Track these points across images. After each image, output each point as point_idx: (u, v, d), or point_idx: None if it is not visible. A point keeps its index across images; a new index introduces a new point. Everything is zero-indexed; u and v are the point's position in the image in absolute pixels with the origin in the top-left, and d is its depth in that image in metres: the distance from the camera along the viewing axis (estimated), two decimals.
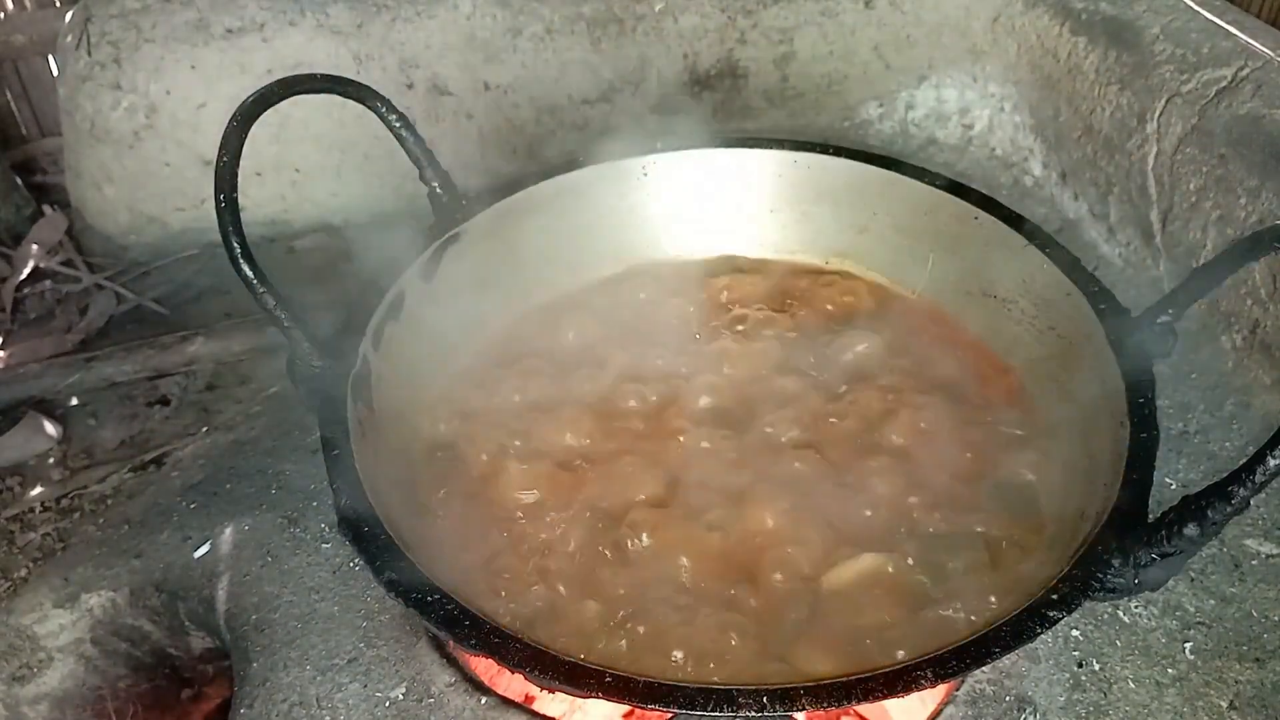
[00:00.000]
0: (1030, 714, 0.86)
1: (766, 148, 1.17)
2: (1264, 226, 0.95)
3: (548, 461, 0.93)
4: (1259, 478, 0.59)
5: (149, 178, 1.58)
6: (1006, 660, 0.89)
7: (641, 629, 0.77)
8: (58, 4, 2.05)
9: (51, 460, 1.23)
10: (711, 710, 0.61)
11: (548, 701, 0.88)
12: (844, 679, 0.63)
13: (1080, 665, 0.90)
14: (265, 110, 0.82)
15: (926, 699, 0.86)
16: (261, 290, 0.81)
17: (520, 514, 0.88)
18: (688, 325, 1.10)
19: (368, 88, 0.93)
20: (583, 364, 1.04)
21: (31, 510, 1.16)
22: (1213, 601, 0.95)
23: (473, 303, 1.07)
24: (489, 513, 0.89)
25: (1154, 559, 0.65)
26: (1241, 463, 0.60)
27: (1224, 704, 0.87)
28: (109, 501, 1.16)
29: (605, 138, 1.14)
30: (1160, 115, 1.29)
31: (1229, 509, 0.61)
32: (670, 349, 1.06)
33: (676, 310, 1.12)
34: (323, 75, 0.89)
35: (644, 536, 0.84)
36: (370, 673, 0.90)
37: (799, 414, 0.97)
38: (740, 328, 1.09)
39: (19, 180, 1.75)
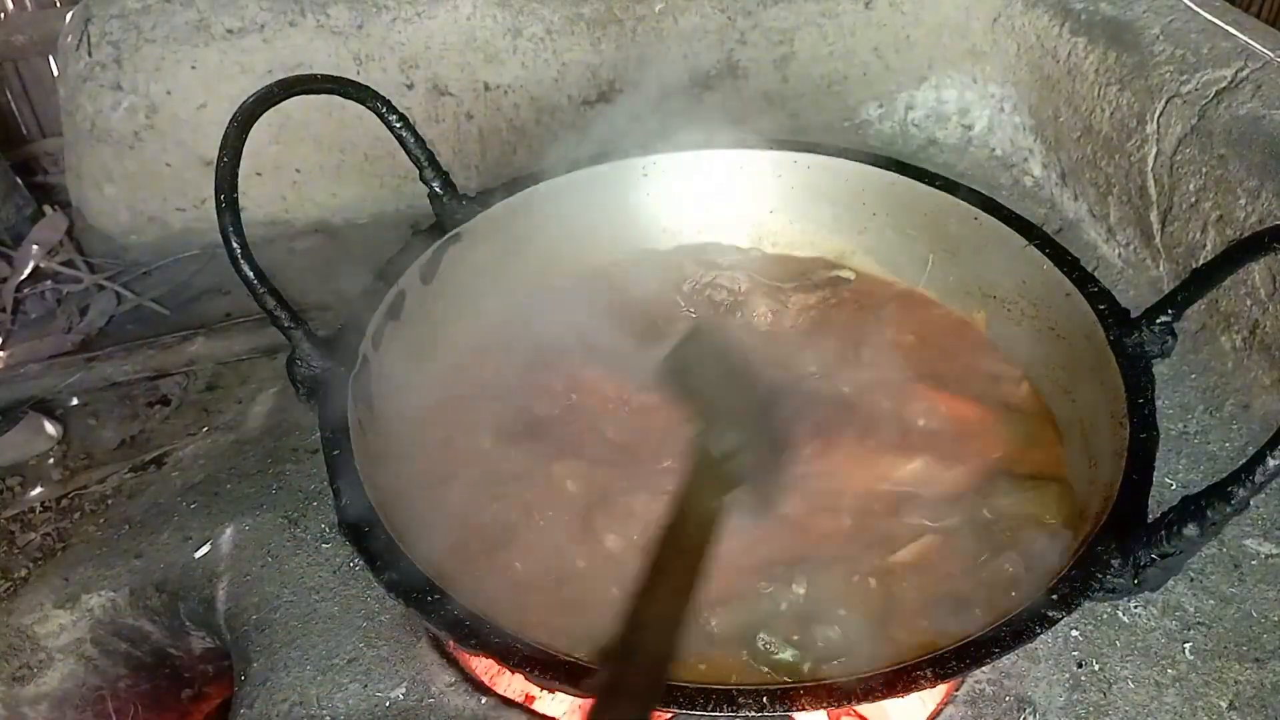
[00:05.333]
0: (1030, 714, 0.86)
1: (766, 148, 1.17)
2: (1264, 226, 0.95)
3: (548, 456, 0.93)
4: (1259, 478, 0.59)
5: (149, 178, 1.58)
6: (1006, 660, 0.89)
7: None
8: (58, 4, 2.05)
9: (51, 460, 1.23)
10: (711, 710, 0.61)
11: (548, 701, 0.88)
12: (843, 679, 0.63)
13: (1080, 665, 0.90)
14: (265, 111, 0.82)
15: (926, 699, 0.87)
16: (262, 290, 0.81)
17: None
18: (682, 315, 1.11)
19: (368, 88, 0.93)
20: (581, 360, 1.04)
21: (31, 510, 1.16)
22: (1212, 601, 0.95)
23: (472, 303, 1.07)
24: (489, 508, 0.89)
25: (1154, 559, 0.65)
26: (1241, 463, 0.60)
27: (1223, 704, 0.87)
28: (109, 501, 1.16)
29: (605, 138, 1.14)
30: (1160, 115, 1.29)
31: (1229, 509, 0.61)
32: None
33: (672, 303, 1.12)
34: (323, 75, 0.90)
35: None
36: (370, 673, 0.90)
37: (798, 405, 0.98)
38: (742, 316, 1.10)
39: (19, 180, 1.75)
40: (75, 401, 1.32)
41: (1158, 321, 0.83)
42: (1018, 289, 1.01)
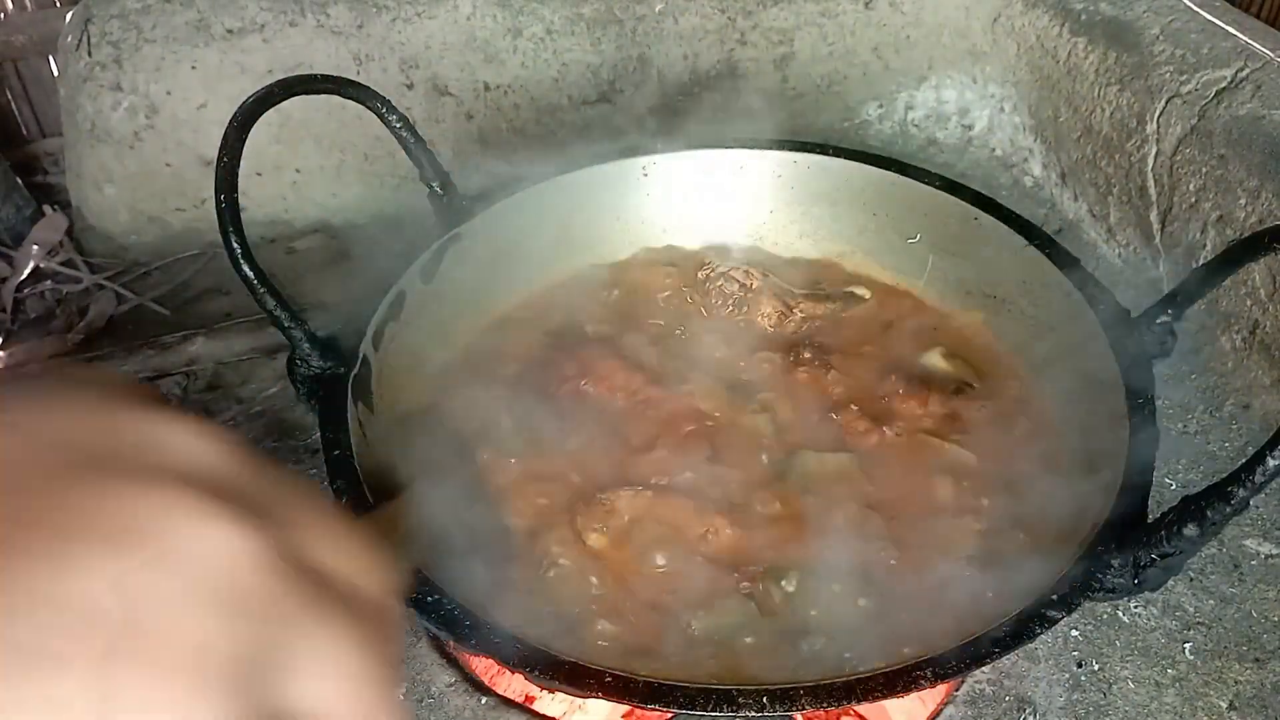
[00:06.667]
0: (1030, 714, 0.86)
1: (766, 148, 1.17)
2: (1264, 226, 0.95)
3: (548, 455, 0.93)
4: (1259, 478, 0.59)
5: (149, 178, 1.58)
6: (1006, 660, 0.89)
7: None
8: (58, 4, 2.05)
9: None
10: (711, 710, 0.61)
11: (548, 701, 0.88)
12: (844, 679, 0.63)
13: (1080, 665, 0.90)
14: (266, 111, 0.82)
15: (926, 699, 0.87)
16: (262, 291, 0.81)
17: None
18: (683, 313, 1.11)
19: (368, 88, 0.93)
20: (579, 361, 1.03)
21: None
22: (1212, 601, 0.95)
23: (473, 302, 1.07)
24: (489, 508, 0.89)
25: (1153, 559, 0.65)
26: (1241, 463, 0.60)
27: (1224, 704, 0.87)
28: None
29: (605, 138, 1.14)
30: (1160, 116, 1.29)
31: (1229, 509, 0.61)
32: (666, 339, 1.06)
33: (669, 299, 1.13)
34: (323, 75, 0.89)
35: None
36: None
37: (792, 400, 0.98)
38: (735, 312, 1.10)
39: (19, 180, 1.75)
40: None
41: (1158, 321, 0.83)
42: (1018, 289, 1.01)
